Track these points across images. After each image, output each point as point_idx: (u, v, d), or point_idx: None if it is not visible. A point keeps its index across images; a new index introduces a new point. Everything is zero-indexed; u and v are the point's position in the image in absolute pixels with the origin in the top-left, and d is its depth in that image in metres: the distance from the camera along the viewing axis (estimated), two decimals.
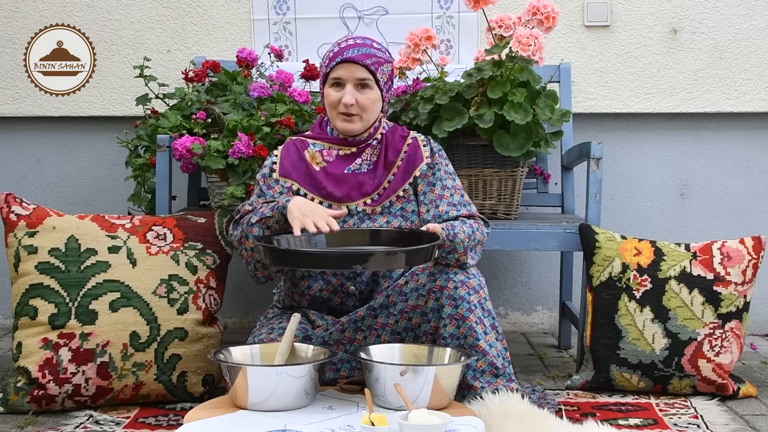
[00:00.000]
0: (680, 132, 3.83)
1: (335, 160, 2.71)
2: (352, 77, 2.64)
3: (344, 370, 2.60)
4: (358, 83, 2.64)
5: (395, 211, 2.70)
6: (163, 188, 3.11)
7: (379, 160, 2.71)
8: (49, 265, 2.72)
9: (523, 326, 3.91)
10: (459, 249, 2.56)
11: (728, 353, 2.86)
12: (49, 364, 2.64)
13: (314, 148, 2.73)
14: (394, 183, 2.71)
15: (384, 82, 2.69)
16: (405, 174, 2.72)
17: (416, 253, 2.40)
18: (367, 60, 2.64)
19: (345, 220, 2.66)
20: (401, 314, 2.58)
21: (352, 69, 2.64)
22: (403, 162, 2.73)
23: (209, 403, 2.43)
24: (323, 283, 2.67)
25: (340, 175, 2.69)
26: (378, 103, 2.69)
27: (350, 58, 2.63)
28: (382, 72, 2.67)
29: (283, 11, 3.76)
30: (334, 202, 2.68)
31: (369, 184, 2.69)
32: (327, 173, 2.70)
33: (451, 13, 3.73)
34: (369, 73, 2.64)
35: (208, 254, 2.88)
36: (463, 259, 2.58)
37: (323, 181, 2.68)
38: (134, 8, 3.79)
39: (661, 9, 3.75)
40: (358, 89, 2.65)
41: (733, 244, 2.92)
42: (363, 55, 2.64)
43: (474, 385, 2.51)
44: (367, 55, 2.65)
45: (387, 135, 2.75)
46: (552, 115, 3.12)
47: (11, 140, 3.89)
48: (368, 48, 2.67)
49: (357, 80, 2.64)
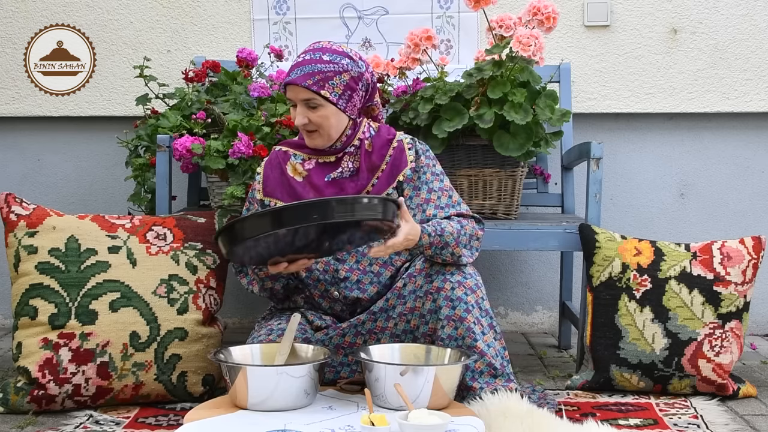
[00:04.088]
0: (680, 132, 3.83)
1: (315, 168, 2.69)
2: (298, 98, 2.60)
3: (344, 372, 2.60)
4: (305, 103, 2.60)
5: None
6: (163, 188, 3.11)
7: (362, 165, 2.67)
8: (49, 265, 2.72)
9: (523, 326, 3.91)
10: (450, 242, 2.52)
11: (728, 353, 2.86)
12: (49, 364, 2.64)
13: (295, 159, 2.72)
14: (378, 187, 2.68)
15: (339, 95, 2.58)
16: (389, 178, 2.68)
17: (371, 204, 2.33)
18: (308, 81, 2.55)
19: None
20: (400, 317, 2.58)
21: (296, 91, 2.59)
22: (387, 165, 2.69)
23: (209, 403, 2.43)
24: (312, 289, 2.67)
25: (321, 184, 2.67)
26: (335, 117, 2.61)
27: (291, 81, 2.58)
28: (331, 86, 2.57)
29: (283, 11, 3.76)
30: None
31: (351, 188, 2.66)
32: (308, 183, 2.68)
33: (451, 13, 3.74)
34: (313, 94, 2.57)
35: (208, 254, 2.88)
36: (457, 252, 2.54)
37: (303, 193, 2.67)
38: (134, 8, 3.80)
39: (661, 9, 3.75)
40: (308, 108, 2.60)
41: (733, 244, 2.92)
42: (305, 75, 2.56)
43: (473, 386, 2.51)
44: (309, 74, 2.56)
45: (372, 138, 2.69)
46: (552, 115, 3.12)
47: (11, 140, 3.89)
48: (314, 65, 2.57)
49: (303, 101, 2.59)
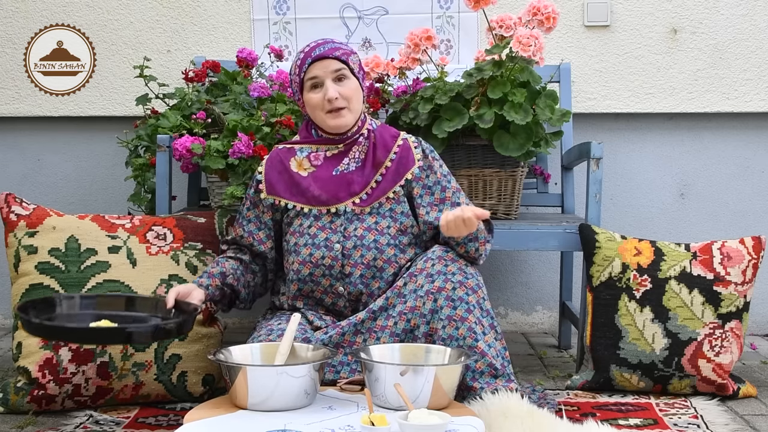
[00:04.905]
0: (680, 132, 3.83)
1: (323, 162, 2.73)
2: (327, 72, 2.68)
3: (344, 372, 2.60)
4: (335, 77, 2.68)
5: (384, 212, 2.70)
6: (163, 188, 3.11)
7: (367, 157, 2.72)
8: (49, 265, 2.72)
9: (523, 326, 3.91)
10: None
11: (728, 353, 2.86)
12: (49, 364, 2.64)
13: (301, 154, 2.75)
14: (384, 184, 2.71)
15: (358, 70, 2.74)
16: (396, 175, 2.72)
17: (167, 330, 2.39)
18: (336, 52, 2.69)
19: (332, 221, 2.68)
20: (400, 316, 2.58)
21: (325, 64, 2.68)
22: (393, 163, 2.72)
23: (209, 403, 2.42)
24: (313, 285, 2.68)
25: (328, 178, 2.70)
26: (359, 93, 2.72)
27: (320, 55, 2.68)
28: (353, 62, 2.72)
29: (283, 11, 3.76)
30: (321, 205, 2.69)
31: (357, 183, 2.69)
32: (315, 177, 2.71)
33: (451, 13, 3.74)
34: (342, 64, 2.69)
35: (208, 254, 2.88)
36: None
37: (310, 187, 2.70)
38: (134, 8, 3.80)
39: (661, 9, 3.75)
40: (336, 83, 2.68)
41: (733, 244, 2.92)
42: (330, 49, 2.69)
43: (473, 386, 2.51)
44: (333, 48, 2.70)
45: (375, 132, 2.76)
46: (552, 115, 3.12)
47: (11, 140, 3.89)
48: (331, 43, 2.72)
49: (333, 73, 2.68)
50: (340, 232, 2.67)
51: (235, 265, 2.74)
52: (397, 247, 2.67)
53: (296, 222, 2.71)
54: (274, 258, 2.79)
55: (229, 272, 2.70)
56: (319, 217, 2.69)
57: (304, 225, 2.69)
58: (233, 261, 2.75)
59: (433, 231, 2.72)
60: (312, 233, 2.67)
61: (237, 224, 2.79)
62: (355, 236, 2.65)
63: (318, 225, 2.68)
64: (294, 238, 2.70)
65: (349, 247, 2.65)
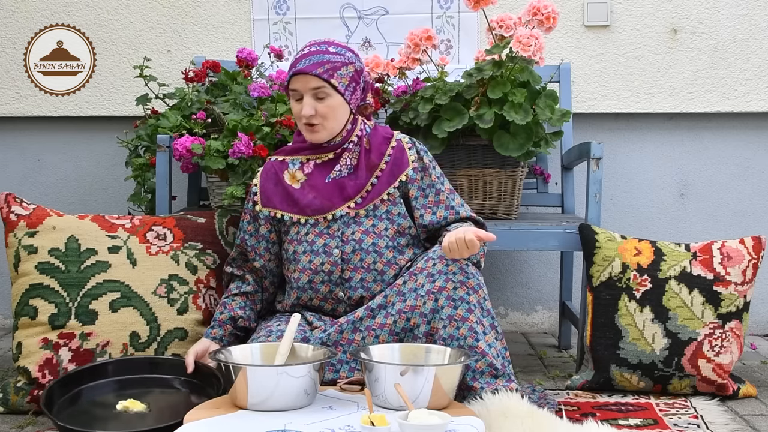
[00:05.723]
0: (680, 132, 3.83)
1: (314, 170, 2.71)
2: (306, 88, 2.62)
3: (343, 371, 2.60)
4: (313, 94, 2.63)
5: (380, 214, 2.69)
6: (163, 188, 3.11)
7: (360, 162, 2.70)
8: (49, 265, 2.72)
9: (523, 326, 3.91)
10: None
11: (728, 353, 2.86)
12: (49, 364, 2.64)
13: (293, 167, 2.74)
14: (379, 186, 2.70)
15: (345, 86, 2.64)
16: (390, 177, 2.71)
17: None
18: (318, 69, 2.60)
19: (329, 226, 2.67)
20: (399, 315, 2.58)
21: (305, 80, 2.62)
22: (387, 165, 2.71)
23: (209, 403, 2.42)
24: (312, 293, 2.68)
25: (321, 185, 2.69)
26: (341, 108, 2.65)
27: (301, 70, 2.61)
28: (339, 77, 2.62)
29: (283, 11, 3.76)
30: (316, 214, 2.68)
31: (350, 186, 2.68)
32: (308, 186, 2.70)
33: (451, 13, 3.74)
34: (323, 82, 2.61)
35: (208, 254, 2.88)
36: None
37: (302, 197, 2.69)
38: (134, 8, 3.80)
39: (661, 9, 3.75)
40: (315, 99, 2.63)
41: (733, 244, 2.92)
42: (314, 64, 2.61)
43: (473, 386, 2.51)
44: (318, 63, 2.60)
45: (368, 136, 2.73)
46: (552, 115, 3.12)
47: (11, 140, 3.89)
48: (321, 55, 2.62)
49: (312, 90, 2.62)
50: (338, 236, 2.66)
51: (242, 303, 2.74)
52: (396, 249, 2.67)
53: (293, 230, 2.70)
54: (275, 270, 2.79)
55: (239, 315, 2.71)
56: (315, 224, 2.68)
57: (301, 233, 2.69)
58: (239, 299, 2.74)
59: (427, 233, 2.72)
60: (310, 240, 2.67)
61: (239, 239, 2.78)
62: (354, 240, 2.65)
63: (315, 231, 2.68)
64: (293, 247, 2.69)
65: (348, 251, 2.65)
